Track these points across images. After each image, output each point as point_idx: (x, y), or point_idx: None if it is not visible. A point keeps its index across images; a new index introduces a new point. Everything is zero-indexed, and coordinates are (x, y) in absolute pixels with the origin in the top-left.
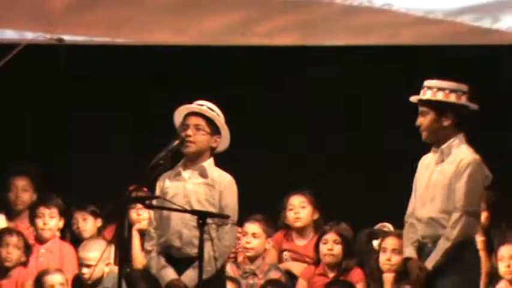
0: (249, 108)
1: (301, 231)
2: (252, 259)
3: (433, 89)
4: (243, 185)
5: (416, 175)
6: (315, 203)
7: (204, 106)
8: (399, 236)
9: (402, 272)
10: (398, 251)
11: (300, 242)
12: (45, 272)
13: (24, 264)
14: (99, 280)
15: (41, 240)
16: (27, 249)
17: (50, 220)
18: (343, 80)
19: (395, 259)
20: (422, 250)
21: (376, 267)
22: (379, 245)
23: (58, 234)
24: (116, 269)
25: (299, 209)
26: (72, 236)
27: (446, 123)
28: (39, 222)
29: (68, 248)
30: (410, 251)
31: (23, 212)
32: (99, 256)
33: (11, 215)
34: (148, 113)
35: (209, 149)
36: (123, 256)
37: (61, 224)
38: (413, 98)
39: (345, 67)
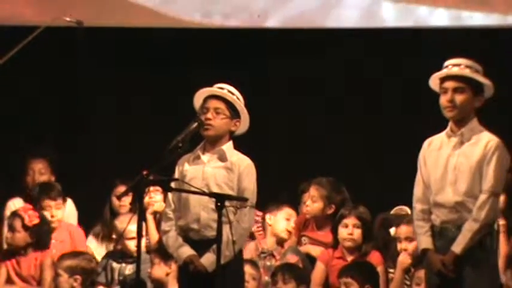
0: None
1: (317, 222)
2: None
3: (471, 68)
4: (262, 167)
5: (421, 158)
6: (329, 197)
7: (225, 89)
8: (409, 223)
9: (419, 261)
10: (411, 238)
11: (318, 230)
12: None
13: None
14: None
15: None
16: (39, 233)
17: (57, 211)
18: (363, 63)
19: (411, 246)
20: (443, 235)
21: (397, 255)
22: (395, 232)
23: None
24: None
25: (311, 201)
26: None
27: (478, 104)
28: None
29: (73, 228)
30: (426, 242)
31: None
32: (135, 229)
33: (28, 198)
34: (168, 96)
35: (228, 132)
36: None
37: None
38: (442, 73)
39: (365, 50)
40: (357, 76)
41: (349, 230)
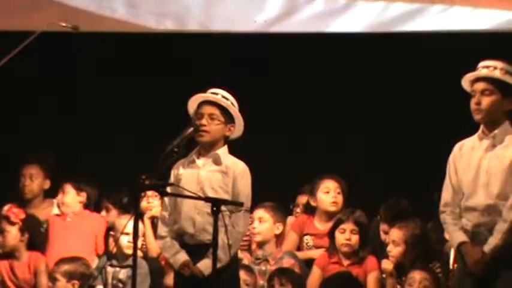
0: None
1: (329, 216)
2: (260, 244)
3: (502, 70)
4: (256, 171)
5: (451, 162)
6: (347, 191)
7: (219, 95)
8: (400, 228)
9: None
10: (398, 243)
11: (322, 227)
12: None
13: (33, 245)
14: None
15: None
16: (30, 228)
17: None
18: (364, 63)
19: (396, 251)
20: (476, 239)
21: (386, 257)
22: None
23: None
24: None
25: (336, 193)
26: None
27: (508, 107)
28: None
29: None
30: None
31: (34, 201)
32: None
33: (22, 204)
34: (165, 99)
35: (223, 137)
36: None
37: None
38: (473, 75)
39: (365, 51)
40: (358, 76)
41: (347, 236)
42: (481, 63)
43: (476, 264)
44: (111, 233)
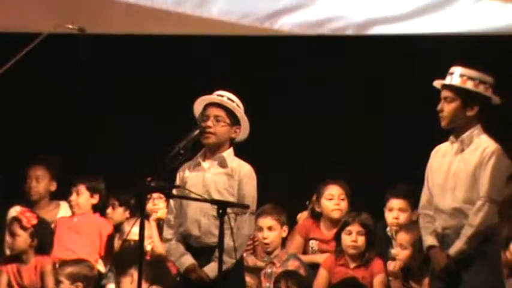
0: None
1: (334, 222)
2: (270, 252)
3: (463, 77)
4: (260, 171)
5: (429, 166)
6: (351, 196)
7: (225, 97)
8: (407, 231)
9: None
10: (405, 246)
11: (328, 232)
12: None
13: (41, 250)
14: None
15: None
16: (40, 234)
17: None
18: (365, 65)
19: (403, 255)
20: (444, 241)
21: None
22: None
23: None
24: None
25: (339, 200)
26: None
27: (470, 113)
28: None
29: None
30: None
31: (40, 202)
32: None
33: (29, 206)
34: (169, 101)
35: (229, 140)
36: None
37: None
38: (438, 83)
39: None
40: (358, 76)
41: (353, 237)
42: (450, 70)
43: (442, 269)
44: (117, 235)
